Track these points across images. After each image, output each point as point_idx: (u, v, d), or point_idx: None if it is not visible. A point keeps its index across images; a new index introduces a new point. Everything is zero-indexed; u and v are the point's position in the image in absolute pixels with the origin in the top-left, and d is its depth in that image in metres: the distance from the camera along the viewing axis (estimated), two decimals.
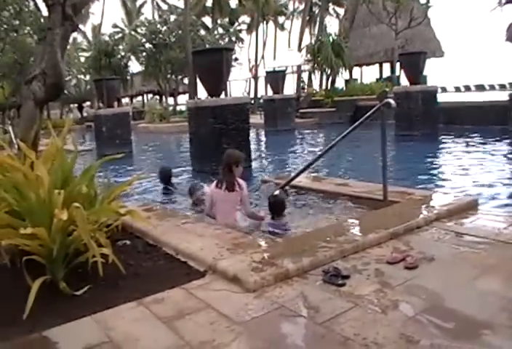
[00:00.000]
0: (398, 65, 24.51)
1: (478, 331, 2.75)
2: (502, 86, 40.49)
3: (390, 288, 3.38)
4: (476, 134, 15.80)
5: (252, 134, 15.51)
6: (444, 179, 9.76)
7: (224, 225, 5.29)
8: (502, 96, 19.03)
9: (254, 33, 41.89)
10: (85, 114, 41.20)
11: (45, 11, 5.34)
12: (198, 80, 14.95)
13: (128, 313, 3.19)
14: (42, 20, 21.28)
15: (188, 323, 3.00)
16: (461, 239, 4.34)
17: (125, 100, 50.17)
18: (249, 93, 42.63)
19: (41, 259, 3.62)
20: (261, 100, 31.28)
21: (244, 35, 45.48)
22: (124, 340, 2.82)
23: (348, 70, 33.73)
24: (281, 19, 52.86)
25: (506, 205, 7.11)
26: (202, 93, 16.99)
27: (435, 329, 2.79)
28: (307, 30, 45.90)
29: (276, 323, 2.99)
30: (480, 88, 43.00)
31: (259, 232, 5.81)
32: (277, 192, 6.37)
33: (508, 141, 14.51)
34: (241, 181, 5.93)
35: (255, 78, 40.63)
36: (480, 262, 3.78)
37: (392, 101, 5.86)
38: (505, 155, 12.44)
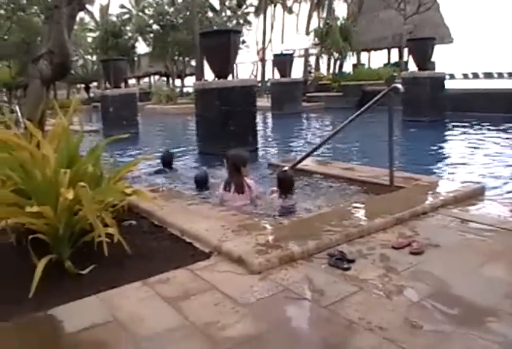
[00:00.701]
0: (406, 50, 24.33)
1: (482, 318, 2.75)
2: (511, 75, 40.15)
3: (395, 273, 3.38)
4: (483, 122, 15.70)
5: (259, 117, 15.46)
6: (450, 166, 9.73)
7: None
8: (511, 84, 18.92)
9: (261, 16, 41.52)
10: (92, 94, 41.15)
11: None
12: (205, 62, 14.89)
13: (133, 292, 3.20)
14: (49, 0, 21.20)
15: (193, 304, 3.00)
16: (467, 226, 4.33)
17: (132, 81, 50.03)
18: (256, 76, 42.45)
19: (47, 237, 3.63)
20: (268, 83, 31.16)
21: (251, 17, 45.08)
22: (128, 320, 2.83)
23: (355, 55, 33.58)
24: (289, 2, 52.34)
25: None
26: (209, 75, 16.96)
27: (439, 315, 2.79)
28: (315, 14, 45.42)
29: (280, 305, 2.99)
30: (488, 75, 42.70)
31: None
32: (286, 168, 6.34)
33: None
34: (249, 181, 5.87)
35: (262, 61, 40.40)
36: (485, 249, 3.78)
37: (400, 86, 5.82)
38: None
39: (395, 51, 36.35)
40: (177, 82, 40.51)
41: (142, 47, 40.25)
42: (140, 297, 3.12)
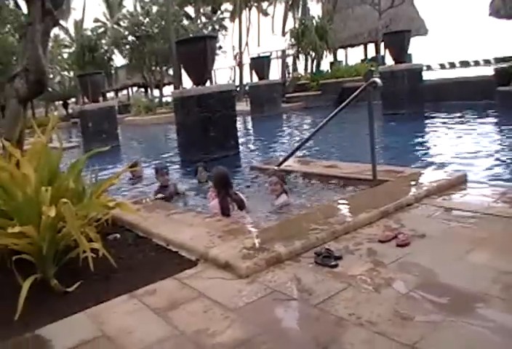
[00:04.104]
0: (382, 45, 24.43)
1: (472, 305, 2.75)
2: (487, 62, 40.54)
3: (382, 266, 3.38)
4: (462, 110, 15.79)
5: (239, 121, 15.45)
6: (432, 156, 9.76)
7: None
8: (487, 71, 19.05)
9: (237, 20, 41.54)
10: (70, 111, 40.83)
11: (26, 9, 5.28)
12: (182, 70, 14.86)
13: (120, 306, 3.17)
14: (23, 18, 21.08)
15: (182, 313, 2.98)
16: (451, 214, 4.34)
17: (110, 95, 49.86)
18: (234, 80, 42.44)
19: (31, 257, 3.59)
20: (247, 87, 31.17)
21: (227, 23, 45.10)
22: (117, 334, 2.81)
23: (332, 53, 33.69)
24: (264, 4, 52.43)
25: (495, 179, 7.11)
26: (188, 83, 16.94)
27: (429, 305, 2.79)
28: (290, 15, 45.55)
29: (269, 307, 2.98)
30: (465, 64, 43.10)
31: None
32: (275, 167, 6.45)
33: (494, 115, 14.52)
34: (240, 196, 5.75)
35: (240, 65, 40.39)
36: (471, 237, 3.79)
37: (378, 80, 5.86)
38: (491, 130, 12.47)
39: (371, 47, 36.50)
40: (156, 92, 40.45)
41: (118, 60, 40.13)
42: (128, 310, 3.09)
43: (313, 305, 2.92)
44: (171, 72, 37.61)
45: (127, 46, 36.19)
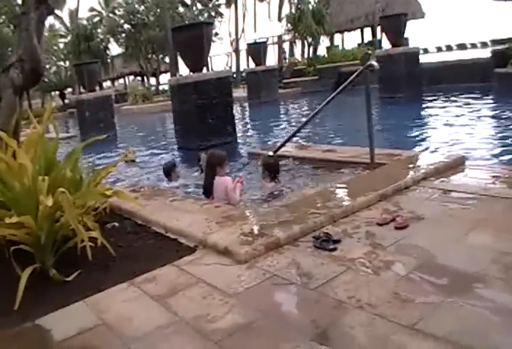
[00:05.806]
0: (379, 29, 24.31)
1: (470, 285, 2.75)
2: (484, 44, 40.30)
3: (381, 249, 3.38)
4: (459, 93, 15.73)
5: (236, 108, 15.42)
6: (430, 139, 9.76)
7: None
8: (485, 53, 18.96)
9: (233, 7, 41.24)
10: (67, 101, 40.63)
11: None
12: (179, 57, 14.78)
13: (120, 294, 3.17)
14: (17, 8, 20.95)
15: (181, 299, 2.98)
16: (450, 196, 4.33)
17: (107, 84, 49.62)
18: (231, 67, 42.25)
19: (29, 247, 3.58)
20: (243, 73, 31.04)
21: (223, 9, 44.77)
22: (117, 321, 2.80)
23: (329, 37, 33.52)
24: None
25: (493, 160, 7.11)
26: (184, 71, 16.84)
27: (428, 286, 2.79)
28: (286, 0, 45.30)
29: (269, 292, 2.98)
30: (461, 47, 42.89)
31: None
32: (270, 153, 6.45)
33: (491, 97, 14.48)
34: (226, 178, 5.78)
35: (236, 51, 40.20)
36: (469, 218, 3.78)
37: (375, 63, 5.84)
38: (489, 112, 12.42)
39: (368, 31, 36.34)
40: (152, 81, 40.29)
41: (114, 48, 39.94)
42: (127, 298, 3.10)
43: (312, 288, 2.92)
44: (167, 60, 37.41)
45: (123, 35, 36.04)
